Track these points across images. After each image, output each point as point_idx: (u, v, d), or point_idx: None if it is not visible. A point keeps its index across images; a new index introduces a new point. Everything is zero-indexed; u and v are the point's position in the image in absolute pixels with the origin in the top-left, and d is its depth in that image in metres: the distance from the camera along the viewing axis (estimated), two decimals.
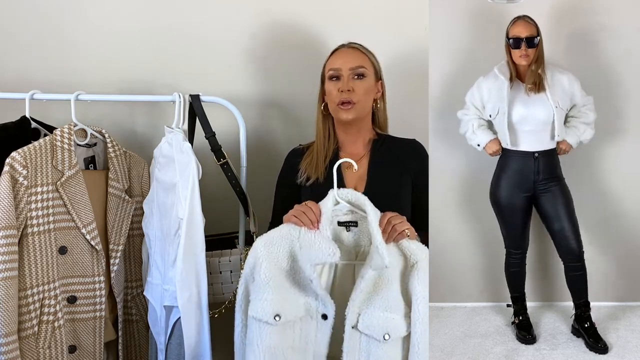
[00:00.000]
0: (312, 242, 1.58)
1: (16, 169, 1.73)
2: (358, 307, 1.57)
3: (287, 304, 1.60)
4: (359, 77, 1.84)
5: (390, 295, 1.58)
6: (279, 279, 1.61)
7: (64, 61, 2.26)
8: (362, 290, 1.57)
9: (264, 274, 1.60)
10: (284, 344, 1.60)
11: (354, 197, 1.64)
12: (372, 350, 1.57)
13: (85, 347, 1.86)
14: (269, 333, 1.59)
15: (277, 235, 1.65)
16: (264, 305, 1.58)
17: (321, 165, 1.86)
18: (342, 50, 1.89)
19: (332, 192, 1.65)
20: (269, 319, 1.58)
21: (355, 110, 1.83)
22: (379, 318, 1.56)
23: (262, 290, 1.59)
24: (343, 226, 1.66)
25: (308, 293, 1.61)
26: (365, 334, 1.57)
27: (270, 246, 1.63)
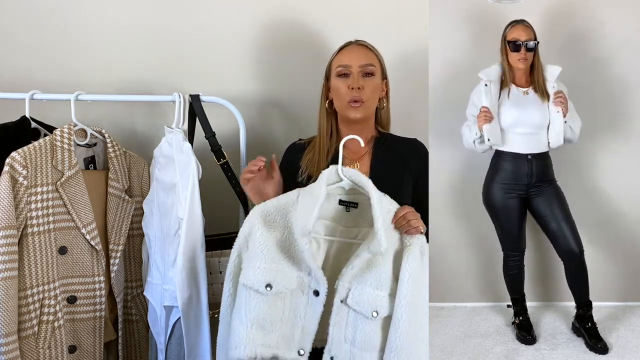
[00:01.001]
0: (306, 211, 1.57)
1: (16, 169, 1.73)
2: (349, 282, 1.57)
3: (279, 274, 1.58)
4: (368, 75, 1.83)
5: (382, 274, 1.58)
6: (273, 249, 1.59)
7: (64, 61, 2.26)
8: (354, 267, 1.57)
9: (258, 242, 1.59)
10: (273, 315, 1.58)
11: (358, 178, 1.62)
12: (360, 326, 1.57)
13: (85, 347, 1.86)
14: (259, 302, 1.57)
15: (274, 204, 1.64)
16: (256, 273, 1.57)
17: (323, 163, 1.85)
18: (351, 47, 1.88)
19: (334, 167, 1.63)
20: (259, 288, 1.56)
21: (363, 108, 1.83)
22: (369, 295, 1.56)
23: (256, 259, 1.58)
24: (344, 205, 1.65)
25: (301, 267, 1.59)
26: (354, 309, 1.57)
27: (267, 215, 1.62)
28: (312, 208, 1.56)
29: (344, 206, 1.65)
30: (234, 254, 1.66)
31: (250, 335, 1.55)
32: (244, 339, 1.55)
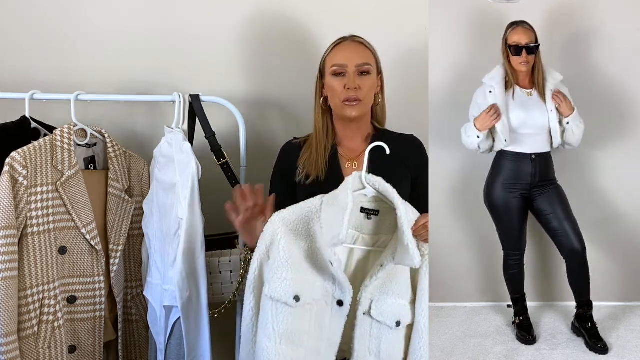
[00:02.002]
0: (334, 222, 1.50)
1: (16, 169, 1.73)
2: (371, 293, 1.53)
3: (306, 285, 1.51)
4: (364, 74, 1.81)
5: (402, 282, 1.55)
6: (297, 258, 1.53)
7: (64, 61, 2.26)
8: (378, 278, 1.53)
9: (283, 251, 1.52)
10: (301, 328, 1.51)
11: (383, 187, 1.57)
12: (384, 337, 1.54)
13: (85, 347, 1.86)
14: (287, 315, 1.49)
15: (296, 212, 1.57)
16: (283, 284, 1.49)
17: (321, 162, 1.84)
18: (345, 45, 1.84)
19: (357, 174, 1.57)
20: (287, 300, 1.49)
21: (360, 107, 1.81)
22: (391, 305, 1.53)
23: (281, 269, 1.51)
24: (365, 213, 1.60)
25: (325, 277, 1.54)
26: (378, 320, 1.53)
27: (289, 223, 1.56)
28: (342, 218, 1.49)
29: (366, 214, 1.60)
30: (254, 265, 1.59)
31: (279, 351, 1.49)
32: (274, 355, 1.48)
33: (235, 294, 1.96)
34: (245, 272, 1.95)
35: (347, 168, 1.85)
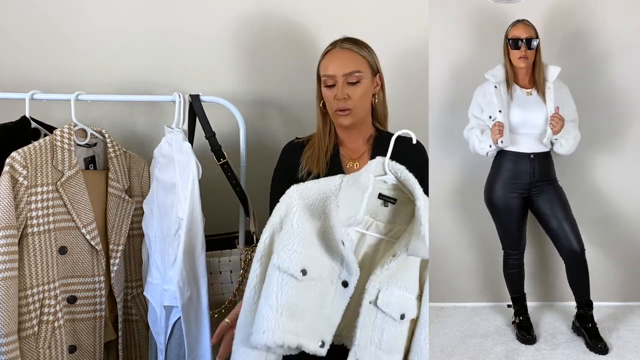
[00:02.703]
0: (352, 202, 1.50)
1: (16, 169, 1.73)
2: (379, 283, 1.52)
3: (314, 261, 1.51)
4: (354, 82, 1.80)
5: (410, 275, 1.54)
6: (310, 233, 1.52)
7: (64, 61, 2.26)
8: (389, 269, 1.52)
9: (296, 224, 1.51)
10: (303, 302, 1.50)
11: (404, 175, 1.55)
12: (387, 328, 1.53)
13: (85, 347, 1.86)
14: (292, 287, 1.48)
15: (315, 188, 1.56)
16: (292, 256, 1.48)
17: (322, 160, 1.84)
18: (334, 53, 1.83)
19: (381, 158, 1.55)
20: (295, 272, 1.48)
21: (352, 116, 1.81)
22: (398, 297, 1.52)
23: (292, 241, 1.50)
24: (382, 199, 1.57)
25: (333, 256, 1.53)
26: (383, 311, 1.52)
27: (305, 198, 1.55)
28: (360, 199, 1.49)
29: (383, 200, 1.58)
30: (265, 234, 1.57)
31: (279, 321, 1.47)
32: (273, 324, 1.46)
33: (236, 294, 1.96)
34: (245, 272, 1.96)
35: (349, 168, 1.86)
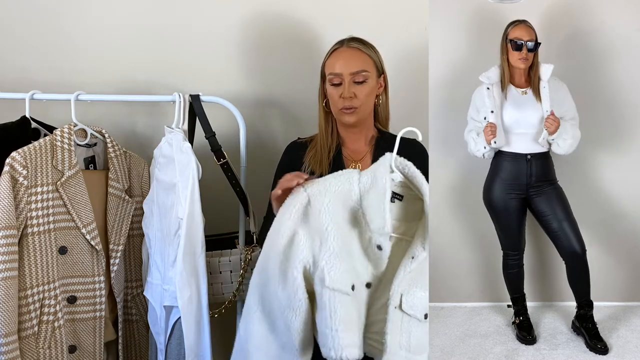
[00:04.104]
0: (376, 211, 1.49)
1: (16, 169, 1.73)
2: (402, 287, 1.51)
3: (357, 273, 1.52)
4: (360, 81, 1.80)
5: (426, 273, 1.54)
6: (349, 245, 1.51)
7: (64, 61, 2.26)
8: (411, 271, 1.51)
9: (340, 239, 1.49)
10: (353, 314, 1.52)
11: (412, 172, 1.53)
12: (413, 330, 1.53)
13: (85, 347, 1.86)
14: (344, 302, 1.48)
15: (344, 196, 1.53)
16: (343, 276, 1.47)
17: (325, 161, 1.84)
18: (341, 52, 1.84)
19: (388, 155, 1.53)
20: (347, 290, 1.48)
21: (357, 114, 1.81)
22: (420, 298, 1.52)
23: (340, 260, 1.48)
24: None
25: (364, 260, 1.53)
26: (409, 314, 1.52)
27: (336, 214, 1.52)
28: (384, 208, 1.48)
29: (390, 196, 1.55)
30: (305, 253, 1.50)
31: (341, 337, 1.48)
32: (337, 340, 1.47)
33: (235, 294, 1.97)
34: (245, 272, 1.96)
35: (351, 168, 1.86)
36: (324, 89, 1.87)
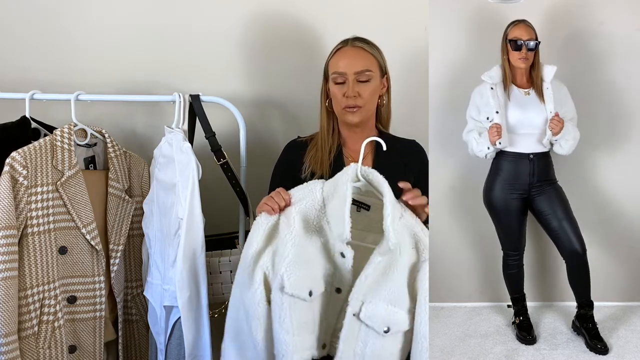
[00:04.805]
0: (338, 217, 1.52)
1: (16, 169, 1.73)
2: (363, 294, 1.52)
3: (317, 279, 1.54)
4: (364, 80, 1.80)
5: (397, 287, 1.53)
6: (310, 252, 1.54)
7: (64, 61, 2.26)
8: (367, 277, 1.52)
9: (298, 246, 1.53)
10: (311, 318, 1.55)
11: (373, 177, 1.56)
12: (370, 341, 1.52)
13: (85, 347, 1.86)
14: (302, 308, 1.51)
15: (308, 205, 1.58)
16: (299, 281, 1.50)
17: (326, 161, 1.85)
18: (346, 51, 1.84)
19: (354, 165, 1.56)
20: (304, 296, 1.51)
21: (360, 113, 1.82)
22: (382, 310, 1.51)
23: (297, 266, 1.51)
24: (355, 205, 1.59)
25: (330, 266, 1.56)
26: (366, 324, 1.52)
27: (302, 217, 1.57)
28: (344, 214, 1.51)
29: (356, 206, 1.60)
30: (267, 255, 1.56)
31: (296, 342, 1.51)
32: (291, 347, 1.50)
33: None
34: None
35: None
36: (327, 89, 1.87)
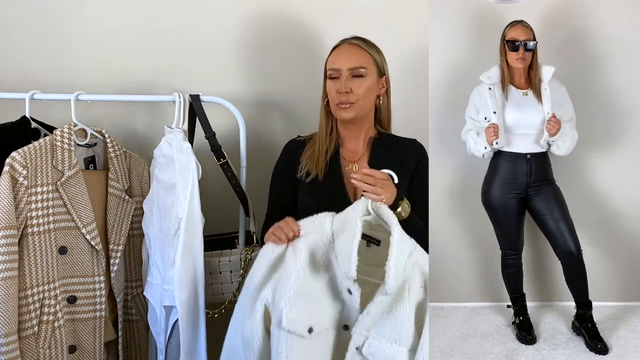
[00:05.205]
0: (346, 253, 1.49)
1: (16, 169, 1.73)
2: (367, 329, 1.50)
3: (319, 316, 1.51)
4: (358, 77, 1.81)
5: (402, 326, 1.49)
6: (314, 288, 1.51)
7: (64, 61, 2.26)
8: (369, 313, 1.50)
9: (301, 281, 1.50)
10: (311, 357, 1.51)
11: (385, 213, 1.53)
12: None
13: (85, 347, 1.86)
14: (300, 345, 1.48)
15: (315, 240, 1.55)
16: (298, 317, 1.47)
17: (321, 162, 1.84)
18: (342, 48, 1.85)
19: (364, 200, 1.55)
20: (303, 333, 1.48)
21: (354, 109, 1.81)
22: (386, 348, 1.49)
23: (297, 301, 1.48)
24: (365, 239, 1.56)
25: (337, 302, 1.53)
26: (367, 359, 1.50)
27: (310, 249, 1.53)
28: (351, 251, 1.48)
29: (366, 241, 1.57)
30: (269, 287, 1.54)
31: None
32: None
33: (236, 294, 1.96)
34: (245, 272, 1.96)
35: (348, 170, 1.86)
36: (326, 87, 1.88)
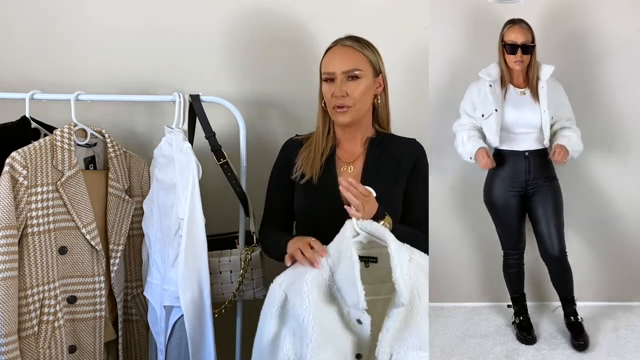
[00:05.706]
0: (348, 284, 1.48)
1: (16, 169, 1.73)
2: (389, 346, 1.49)
3: (341, 352, 1.50)
4: (353, 79, 1.79)
5: (421, 331, 1.50)
6: (328, 328, 1.50)
7: (64, 61, 2.26)
8: (388, 329, 1.49)
9: (316, 332, 1.48)
10: None
11: (373, 228, 1.54)
12: None
13: (85, 347, 1.86)
14: None
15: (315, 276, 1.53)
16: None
17: (317, 163, 1.84)
18: (335, 50, 1.83)
19: (349, 223, 1.54)
20: None
21: (350, 113, 1.80)
22: (413, 358, 1.48)
23: (319, 349, 1.47)
24: (362, 261, 1.55)
25: (349, 332, 1.53)
26: None
27: (315, 288, 1.52)
28: (355, 282, 1.46)
29: (364, 262, 1.57)
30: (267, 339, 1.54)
31: None
32: None
33: (235, 294, 1.97)
34: (245, 272, 1.96)
35: (343, 171, 1.85)
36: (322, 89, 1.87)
